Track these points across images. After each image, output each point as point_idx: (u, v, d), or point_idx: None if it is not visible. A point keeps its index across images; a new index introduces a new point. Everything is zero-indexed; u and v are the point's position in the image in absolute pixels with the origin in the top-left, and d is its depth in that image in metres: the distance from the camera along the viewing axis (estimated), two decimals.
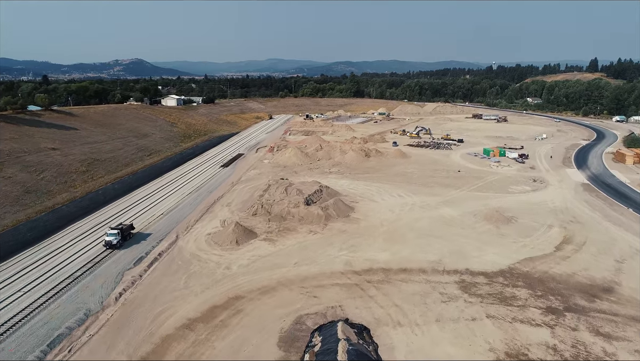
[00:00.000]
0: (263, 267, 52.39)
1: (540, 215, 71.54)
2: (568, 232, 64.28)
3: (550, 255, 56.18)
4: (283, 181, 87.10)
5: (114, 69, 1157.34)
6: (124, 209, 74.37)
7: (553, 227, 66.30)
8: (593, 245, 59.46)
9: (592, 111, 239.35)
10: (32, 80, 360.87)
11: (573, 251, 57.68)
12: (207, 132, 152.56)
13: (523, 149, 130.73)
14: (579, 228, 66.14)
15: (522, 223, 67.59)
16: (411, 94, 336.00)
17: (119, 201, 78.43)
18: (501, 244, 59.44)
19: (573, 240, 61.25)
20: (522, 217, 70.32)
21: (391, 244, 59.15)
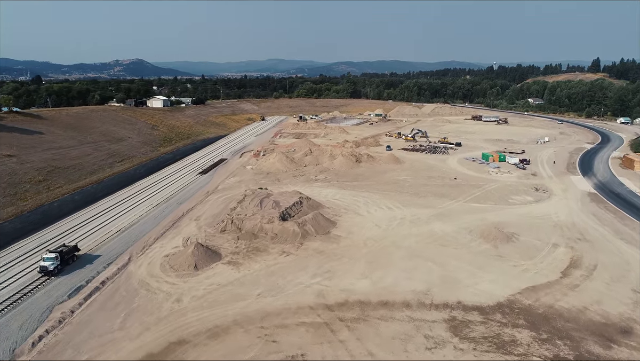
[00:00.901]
0: (220, 299, 44.67)
1: (543, 231, 63.81)
2: (575, 253, 56.52)
3: (556, 283, 48.42)
4: (260, 191, 79.40)
5: (114, 70, 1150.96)
6: (77, 225, 66.56)
7: (558, 246, 58.57)
8: (605, 270, 51.69)
9: (595, 112, 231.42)
10: (15, 80, 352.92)
11: (582, 277, 49.88)
12: (191, 135, 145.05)
13: (524, 154, 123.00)
14: (587, 247, 58.38)
15: (523, 242, 59.86)
16: (409, 95, 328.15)
17: (75, 215, 70.54)
18: (499, 269, 51.68)
19: (582, 263, 53.48)
20: (524, 234, 62.59)
21: (373, 269, 51.42)
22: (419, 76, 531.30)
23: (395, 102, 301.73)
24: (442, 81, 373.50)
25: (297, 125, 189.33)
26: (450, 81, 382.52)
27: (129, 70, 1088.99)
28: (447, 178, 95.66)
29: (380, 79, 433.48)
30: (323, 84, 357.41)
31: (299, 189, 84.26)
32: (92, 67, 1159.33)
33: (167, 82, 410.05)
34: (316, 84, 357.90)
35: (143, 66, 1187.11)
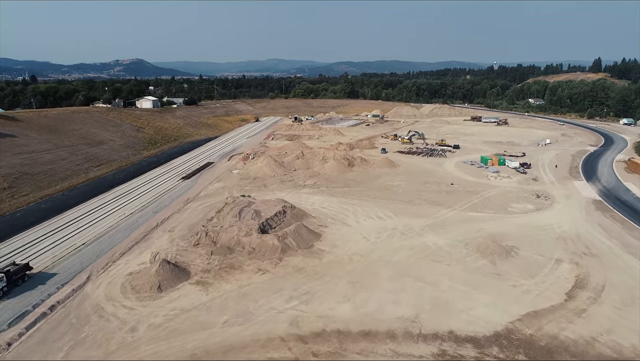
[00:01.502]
0: (180, 328, 39.44)
1: (545, 244, 58.62)
2: (581, 270, 51.32)
3: (561, 307, 43.24)
4: (242, 199, 74.21)
5: (114, 69, 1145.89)
6: (38, 239, 61.27)
7: (562, 262, 53.39)
8: (614, 291, 46.51)
9: (597, 113, 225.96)
10: (13, 80, 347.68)
11: (590, 300, 44.67)
12: (179, 137, 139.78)
13: (525, 157, 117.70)
14: (594, 263, 53.20)
15: (524, 257, 54.66)
16: (408, 95, 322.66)
17: (38, 227, 65.19)
18: (497, 290, 46.50)
19: (588, 283, 48.30)
20: (524, 247, 57.40)
21: (357, 290, 46.24)
22: (419, 76, 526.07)
23: (394, 102, 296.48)
24: (442, 81, 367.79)
25: (292, 126, 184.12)
26: (450, 81, 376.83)
27: (129, 70, 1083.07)
28: (443, 184, 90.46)
29: (379, 79, 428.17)
30: (320, 84, 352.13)
31: (285, 196, 79.12)
32: (92, 67, 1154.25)
33: (164, 82, 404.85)
34: (314, 84, 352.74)
35: (143, 66, 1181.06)
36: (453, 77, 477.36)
